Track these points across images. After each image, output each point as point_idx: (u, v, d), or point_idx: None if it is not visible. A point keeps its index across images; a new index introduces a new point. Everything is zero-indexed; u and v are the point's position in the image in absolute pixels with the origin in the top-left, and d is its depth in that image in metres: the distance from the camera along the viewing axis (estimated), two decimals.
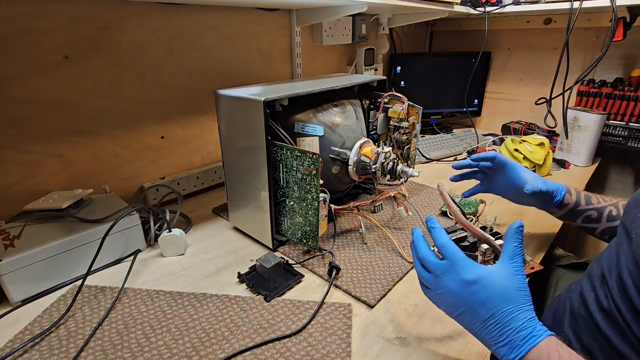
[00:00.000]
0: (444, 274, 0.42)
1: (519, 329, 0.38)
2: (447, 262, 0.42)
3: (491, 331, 0.39)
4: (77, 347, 0.48)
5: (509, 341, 0.38)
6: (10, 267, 0.55)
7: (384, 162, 0.71)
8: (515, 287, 0.39)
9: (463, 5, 1.18)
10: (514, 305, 0.39)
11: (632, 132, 1.09)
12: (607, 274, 0.48)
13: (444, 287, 0.41)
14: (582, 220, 0.66)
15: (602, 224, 0.65)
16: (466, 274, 0.40)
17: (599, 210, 0.65)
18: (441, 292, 0.42)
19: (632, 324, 0.43)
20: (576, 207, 0.65)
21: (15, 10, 0.62)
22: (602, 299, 0.48)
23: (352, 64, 1.31)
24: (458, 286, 0.40)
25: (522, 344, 0.37)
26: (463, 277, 0.40)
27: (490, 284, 0.39)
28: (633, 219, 0.47)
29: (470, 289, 0.40)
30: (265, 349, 0.48)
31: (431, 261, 0.43)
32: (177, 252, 0.70)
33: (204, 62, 0.90)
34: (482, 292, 0.39)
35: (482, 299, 0.39)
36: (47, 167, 0.71)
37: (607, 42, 0.98)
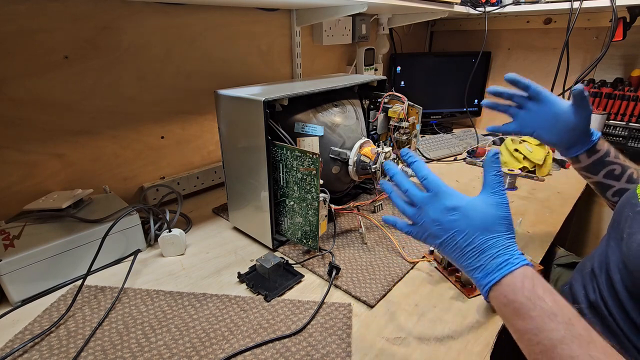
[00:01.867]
0: (428, 204, 0.42)
1: (495, 256, 0.38)
2: (431, 193, 0.42)
3: (468, 257, 0.39)
4: (77, 347, 0.48)
5: (484, 267, 0.38)
6: (10, 267, 0.55)
7: (384, 162, 0.71)
8: (495, 216, 0.40)
9: (463, 5, 1.18)
10: (492, 234, 0.39)
11: (632, 132, 1.09)
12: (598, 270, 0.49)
13: (427, 217, 0.42)
14: (605, 174, 0.62)
15: (621, 182, 0.62)
16: (447, 201, 0.41)
17: (623, 167, 0.62)
18: (424, 222, 0.42)
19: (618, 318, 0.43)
20: (605, 156, 0.61)
21: (15, 10, 0.62)
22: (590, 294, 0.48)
23: (352, 64, 1.31)
24: (440, 214, 0.41)
25: (496, 270, 0.37)
26: (445, 204, 0.41)
27: (470, 212, 0.40)
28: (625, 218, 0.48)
29: (451, 217, 0.40)
30: (265, 349, 0.48)
31: (416, 194, 0.44)
32: (177, 252, 0.70)
33: (204, 62, 0.90)
34: (462, 220, 0.40)
35: (462, 226, 0.40)
36: (47, 167, 0.71)
37: (607, 42, 0.98)
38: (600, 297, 0.46)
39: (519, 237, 0.73)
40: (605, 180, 0.63)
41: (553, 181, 1.03)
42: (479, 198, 0.41)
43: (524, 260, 0.38)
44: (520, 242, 0.72)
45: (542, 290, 0.36)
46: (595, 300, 0.47)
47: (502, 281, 0.37)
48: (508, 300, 0.37)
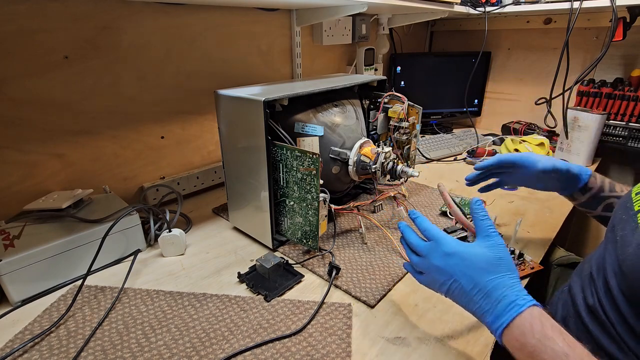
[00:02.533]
0: (430, 253, 0.44)
1: (502, 297, 0.39)
2: (432, 242, 0.45)
3: (476, 301, 0.40)
4: (77, 347, 0.48)
5: (492, 310, 0.39)
6: (10, 267, 0.55)
7: (384, 162, 0.71)
8: (493, 257, 0.41)
9: (463, 5, 1.18)
10: (495, 275, 0.40)
11: (632, 132, 1.09)
12: (595, 274, 0.49)
13: (432, 265, 0.44)
14: (604, 208, 0.62)
15: None
16: (445, 247, 0.43)
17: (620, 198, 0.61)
18: (430, 270, 0.44)
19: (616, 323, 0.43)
20: (600, 192, 0.62)
21: (15, 10, 0.62)
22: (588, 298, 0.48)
23: (352, 64, 1.31)
24: (441, 260, 0.43)
25: (505, 313, 0.38)
26: (443, 250, 0.43)
27: (468, 256, 0.41)
28: (619, 220, 0.48)
29: (452, 261, 0.42)
30: (265, 349, 0.48)
31: (418, 244, 0.47)
32: (177, 252, 0.70)
33: (204, 62, 0.90)
34: (461, 263, 0.41)
35: (463, 269, 0.41)
36: (47, 167, 0.71)
37: (607, 42, 0.98)
38: (598, 302, 0.46)
39: (519, 237, 0.73)
40: (605, 213, 0.63)
41: None
42: (475, 243, 0.43)
43: (531, 300, 0.38)
44: (521, 242, 0.72)
45: (552, 331, 0.36)
46: (593, 305, 0.47)
47: (512, 324, 0.37)
48: (520, 344, 0.36)
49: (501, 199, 0.85)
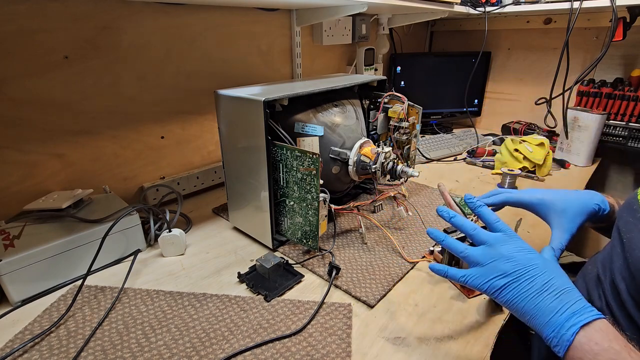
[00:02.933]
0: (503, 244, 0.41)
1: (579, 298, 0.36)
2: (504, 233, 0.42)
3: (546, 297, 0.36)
4: (77, 347, 0.48)
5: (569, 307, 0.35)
6: (10, 267, 0.55)
7: (384, 162, 0.71)
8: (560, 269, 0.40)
9: (463, 5, 1.18)
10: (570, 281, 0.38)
11: (632, 132, 1.09)
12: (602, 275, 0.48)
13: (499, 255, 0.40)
14: None
15: None
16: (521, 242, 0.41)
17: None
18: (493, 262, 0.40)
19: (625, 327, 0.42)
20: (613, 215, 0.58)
21: (15, 10, 0.62)
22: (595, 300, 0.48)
23: (352, 64, 1.31)
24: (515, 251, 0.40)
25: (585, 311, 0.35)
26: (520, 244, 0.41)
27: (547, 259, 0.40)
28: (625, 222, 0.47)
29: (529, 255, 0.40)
30: (265, 349, 0.48)
31: (486, 234, 0.43)
32: (177, 252, 0.70)
33: (204, 62, 0.90)
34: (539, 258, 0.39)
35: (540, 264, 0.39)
36: (47, 167, 0.71)
37: (607, 42, 0.98)
38: (606, 304, 0.46)
39: None
40: None
41: (553, 181, 1.03)
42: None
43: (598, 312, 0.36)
44: None
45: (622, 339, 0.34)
46: (601, 308, 0.46)
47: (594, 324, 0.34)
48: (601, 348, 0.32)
49: None
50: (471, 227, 0.44)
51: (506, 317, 0.55)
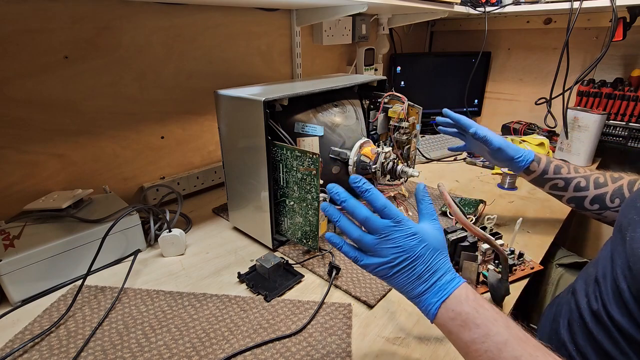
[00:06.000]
0: (393, 232, 0.42)
1: (445, 273, 0.42)
2: (393, 221, 0.43)
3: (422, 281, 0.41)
4: (77, 347, 0.48)
5: (435, 286, 0.41)
6: (10, 267, 0.55)
7: (384, 162, 0.71)
8: (441, 238, 0.44)
9: (463, 5, 1.18)
10: (442, 255, 0.43)
11: (632, 132, 1.09)
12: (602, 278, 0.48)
13: (391, 243, 0.42)
14: (550, 187, 0.72)
15: (569, 192, 0.70)
16: (410, 227, 0.43)
17: (566, 180, 0.69)
18: (383, 249, 0.42)
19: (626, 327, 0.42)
20: (543, 175, 0.71)
21: (15, 10, 0.62)
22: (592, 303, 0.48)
23: (352, 64, 1.31)
24: (403, 239, 0.42)
25: (447, 286, 0.41)
26: (408, 230, 0.42)
27: (425, 236, 0.43)
28: (629, 221, 0.47)
29: (412, 242, 0.42)
30: (265, 349, 0.48)
31: (377, 221, 0.43)
32: (177, 252, 0.70)
33: (204, 62, 0.90)
34: (420, 244, 0.42)
35: (422, 250, 0.42)
36: (47, 167, 0.71)
37: (607, 42, 0.98)
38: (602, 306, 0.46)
39: (519, 237, 0.73)
40: (552, 191, 0.72)
41: None
42: (425, 225, 0.44)
43: (462, 278, 0.42)
44: (520, 242, 0.72)
45: (481, 299, 0.39)
46: (597, 310, 0.46)
47: (452, 295, 0.40)
48: (455, 314, 0.39)
49: (501, 199, 0.85)
50: (363, 213, 0.44)
51: None
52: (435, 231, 0.44)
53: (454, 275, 0.42)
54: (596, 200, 0.67)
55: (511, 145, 0.71)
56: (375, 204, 0.44)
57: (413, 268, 0.42)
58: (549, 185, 0.71)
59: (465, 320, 0.38)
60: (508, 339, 0.36)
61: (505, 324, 0.37)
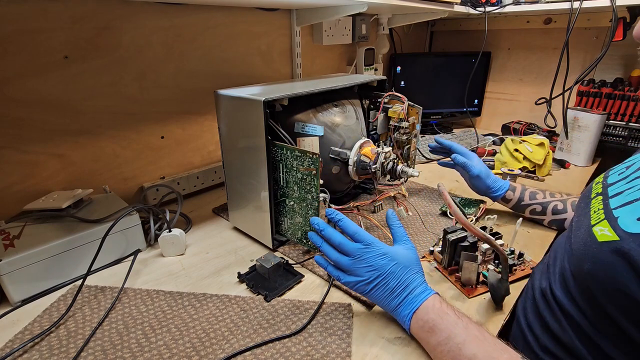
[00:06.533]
0: (364, 253, 0.49)
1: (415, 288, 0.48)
2: (363, 244, 0.50)
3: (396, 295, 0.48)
4: (77, 347, 0.48)
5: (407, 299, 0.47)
6: (10, 267, 0.55)
7: (384, 162, 0.71)
8: (413, 257, 0.50)
9: (463, 5, 1.18)
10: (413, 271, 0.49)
11: (632, 132, 1.09)
12: (552, 261, 0.53)
13: (364, 263, 0.49)
14: (529, 212, 0.76)
15: (548, 216, 0.74)
16: (380, 249, 0.49)
17: (543, 204, 0.74)
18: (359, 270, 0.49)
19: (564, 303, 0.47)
20: (519, 202, 0.76)
21: (15, 10, 0.62)
22: (542, 282, 0.52)
23: (352, 64, 1.31)
24: (373, 259, 0.49)
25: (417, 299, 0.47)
26: (378, 251, 0.49)
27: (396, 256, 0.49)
28: (577, 208, 0.53)
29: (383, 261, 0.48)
30: (265, 349, 0.48)
31: (348, 245, 0.50)
32: (177, 252, 0.70)
33: (204, 62, 0.90)
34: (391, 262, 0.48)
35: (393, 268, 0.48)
36: (47, 167, 0.71)
37: (607, 42, 0.98)
38: (548, 285, 0.50)
39: (519, 237, 0.73)
40: (533, 216, 0.76)
41: (553, 181, 1.03)
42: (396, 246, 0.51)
43: (432, 290, 0.48)
44: (520, 241, 0.72)
45: (446, 307, 0.45)
46: (544, 288, 0.51)
47: (421, 307, 0.46)
48: (424, 322, 0.45)
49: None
50: (337, 239, 0.51)
51: (506, 317, 0.55)
52: (405, 251, 0.50)
53: (424, 288, 0.48)
54: None
55: (491, 176, 0.77)
56: (347, 230, 0.52)
57: (386, 284, 0.48)
58: (528, 210, 0.76)
59: (432, 326, 0.44)
60: (466, 339, 0.41)
61: (464, 326, 0.43)
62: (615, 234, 0.39)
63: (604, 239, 0.40)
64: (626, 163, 0.52)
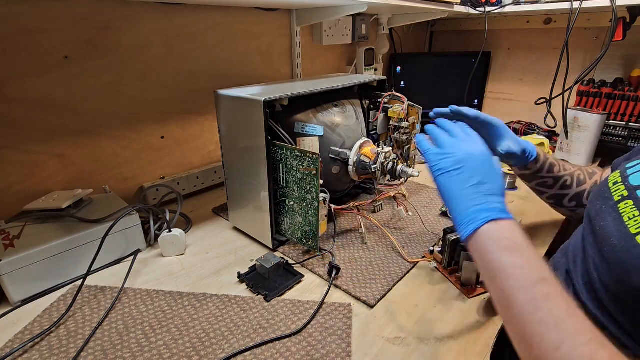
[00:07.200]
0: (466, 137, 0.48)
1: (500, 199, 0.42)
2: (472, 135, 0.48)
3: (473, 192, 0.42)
4: (77, 347, 0.48)
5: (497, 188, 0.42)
6: (10, 267, 0.55)
7: (384, 162, 0.71)
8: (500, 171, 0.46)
9: (463, 5, 1.18)
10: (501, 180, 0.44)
11: (632, 132, 1.09)
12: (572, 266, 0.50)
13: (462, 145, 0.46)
14: (537, 184, 0.71)
15: (554, 190, 0.69)
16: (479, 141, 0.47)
17: (555, 178, 0.69)
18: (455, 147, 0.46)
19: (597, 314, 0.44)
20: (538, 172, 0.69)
21: (15, 10, 0.62)
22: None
23: (352, 64, 1.31)
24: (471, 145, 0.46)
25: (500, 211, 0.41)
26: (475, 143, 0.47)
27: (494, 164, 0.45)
28: (597, 211, 0.48)
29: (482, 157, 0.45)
30: (265, 349, 0.48)
31: (454, 128, 0.49)
32: (177, 252, 0.70)
33: (204, 62, 0.90)
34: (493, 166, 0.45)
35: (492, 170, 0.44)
36: (47, 167, 0.71)
37: (607, 42, 0.98)
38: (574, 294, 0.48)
39: None
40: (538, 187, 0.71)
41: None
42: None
43: None
44: None
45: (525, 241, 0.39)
46: None
47: (503, 221, 0.39)
48: (504, 237, 0.38)
49: None
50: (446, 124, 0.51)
51: None
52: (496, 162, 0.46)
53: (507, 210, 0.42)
54: (574, 198, 0.67)
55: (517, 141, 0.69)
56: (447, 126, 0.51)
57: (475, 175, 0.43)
58: (537, 182, 0.70)
59: (515, 245, 0.37)
60: (547, 277, 0.35)
61: (549, 270, 0.36)
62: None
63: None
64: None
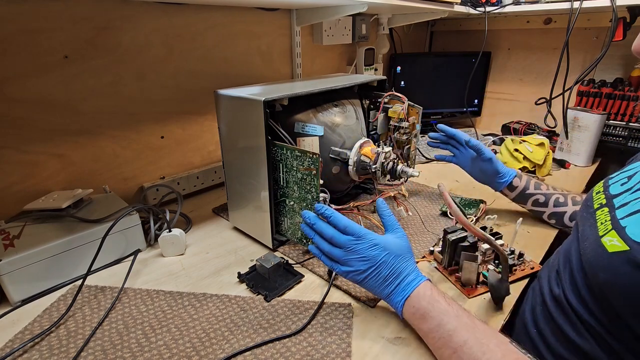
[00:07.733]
0: (356, 245, 0.50)
1: (407, 276, 0.49)
2: (355, 236, 0.51)
3: (389, 284, 0.49)
4: (77, 347, 0.48)
5: (399, 287, 0.49)
6: (10, 267, 0.55)
7: (384, 162, 0.71)
8: (404, 245, 0.52)
9: (463, 5, 1.18)
10: (404, 259, 0.50)
11: (632, 132, 1.09)
12: (562, 267, 0.53)
13: (356, 255, 0.50)
14: (532, 203, 0.76)
15: (549, 208, 0.74)
16: (369, 240, 0.50)
17: (546, 195, 0.74)
18: (352, 261, 0.50)
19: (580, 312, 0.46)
20: (524, 190, 0.75)
21: (15, 10, 0.62)
22: (554, 288, 0.52)
23: (352, 64, 1.31)
24: (365, 251, 0.50)
25: (408, 287, 0.48)
26: (368, 242, 0.50)
27: (387, 245, 0.50)
28: (581, 218, 0.52)
29: (374, 252, 0.50)
30: (265, 349, 0.48)
31: (340, 238, 0.52)
32: (177, 252, 0.70)
33: (204, 62, 0.90)
34: (382, 252, 0.50)
35: (385, 258, 0.49)
36: (47, 167, 0.71)
37: (607, 42, 0.98)
38: (562, 292, 0.50)
39: (519, 237, 0.73)
40: (534, 207, 0.76)
41: (553, 181, 1.03)
42: (388, 235, 0.53)
43: (424, 277, 0.49)
44: (521, 241, 0.72)
45: (437, 294, 0.47)
46: (558, 295, 0.51)
47: (412, 294, 0.47)
48: (415, 309, 0.47)
49: (501, 199, 0.84)
50: (329, 233, 0.53)
51: (506, 317, 0.55)
52: (397, 239, 0.52)
53: (416, 275, 0.49)
54: (574, 216, 0.71)
55: (500, 162, 0.77)
56: (337, 225, 0.53)
57: (378, 273, 0.49)
58: (531, 200, 0.75)
59: (423, 314, 0.46)
60: (457, 326, 0.43)
61: (455, 314, 0.44)
62: (624, 244, 0.39)
63: (614, 250, 0.40)
64: (626, 172, 0.52)
